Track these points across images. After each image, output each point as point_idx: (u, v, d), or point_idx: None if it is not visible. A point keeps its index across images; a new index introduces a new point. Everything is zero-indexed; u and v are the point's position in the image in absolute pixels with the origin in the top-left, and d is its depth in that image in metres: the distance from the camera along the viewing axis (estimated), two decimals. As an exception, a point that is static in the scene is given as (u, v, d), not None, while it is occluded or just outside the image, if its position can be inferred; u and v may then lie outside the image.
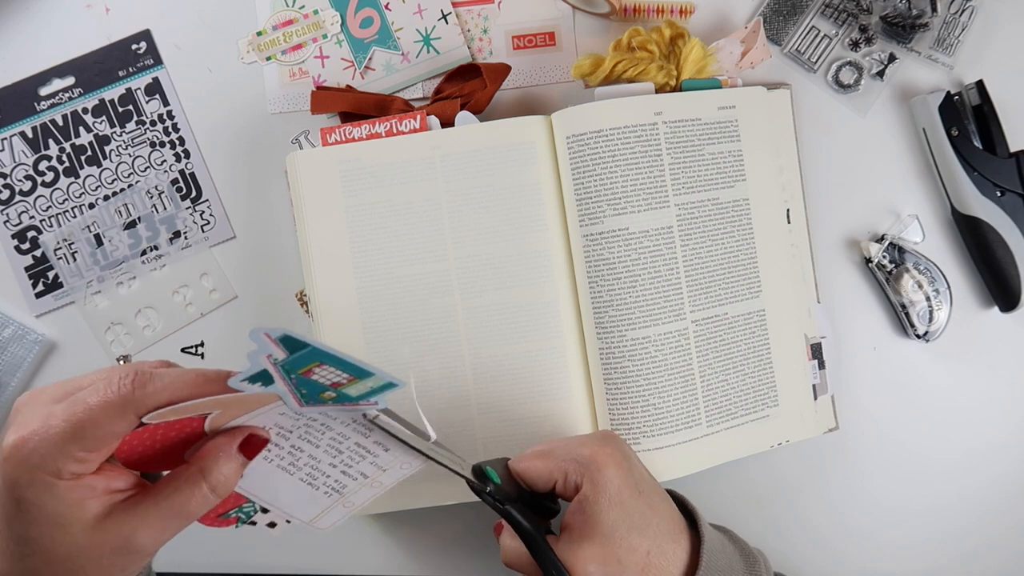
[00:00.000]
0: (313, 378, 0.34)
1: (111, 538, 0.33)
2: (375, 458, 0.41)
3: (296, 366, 0.33)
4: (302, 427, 0.38)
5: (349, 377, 0.34)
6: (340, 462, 0.40)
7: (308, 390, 0.35)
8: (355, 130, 0.57)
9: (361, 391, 0.35)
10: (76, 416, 0.31)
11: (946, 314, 0.61)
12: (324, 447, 0.39)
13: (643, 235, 0.55)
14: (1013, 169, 0.60)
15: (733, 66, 0.59)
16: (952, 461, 0.63)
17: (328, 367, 0.33)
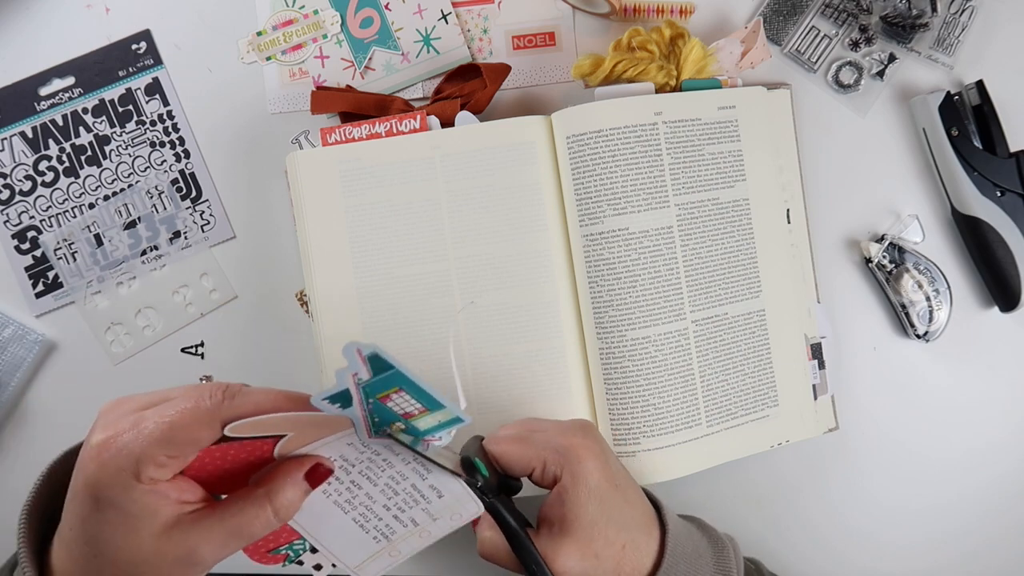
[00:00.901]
0: (388, 404, 0.34)
1: (175, 547, 0.33)
2: (428, 504, 0.40)
3: (376, 390, 0.33)
4: (365, 461, 0.38)
5: (421, 408, 0.35)
6: (394, 504, 0.40)
7: (380, 418, 0.35)
8: (355, 130, 0.57)
9: (429, 425, 0.36)
10: (168, 419, 0.32)
11: (946, 314, 0.61)
12: (382, 486, 0.39)
13: (643, 235, 0.55)
14: (1013, 169, 0.60)
15: (733, 66, 0.59)
16: (952, 461, 0.63)
17: (405, 394, 0.34)
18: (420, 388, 0.34)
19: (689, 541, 0.46)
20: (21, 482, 0.64)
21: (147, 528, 0.33)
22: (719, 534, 0.49)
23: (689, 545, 0.46)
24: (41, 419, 0.64)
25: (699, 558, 0.46)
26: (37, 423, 0.64)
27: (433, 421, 0.36)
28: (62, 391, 0.64)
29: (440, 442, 0.38)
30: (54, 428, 0.64)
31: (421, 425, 0.36)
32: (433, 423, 0.36)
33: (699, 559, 0.46)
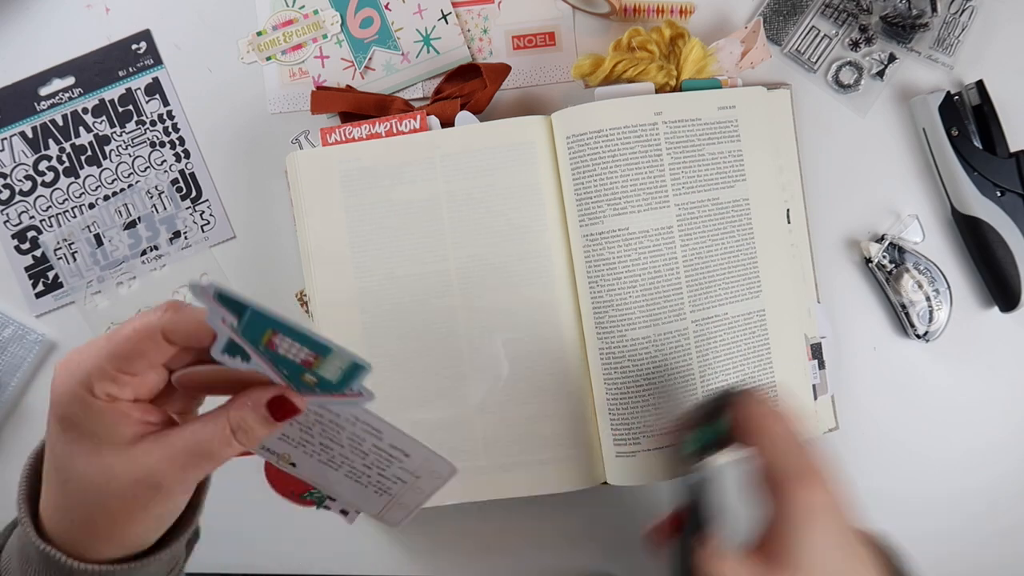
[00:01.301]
0: (280, 352, 0.33)
1: (137, 467, 0.33)
2: (401, 463, 0.39)
3: (254, 335, 0.32)
4: (316, 424, 0.38)
5: (313, 354, 0.33)
6: (372, 463, 0.39)
7: (288, 371, 0.34)
8: (355, 130, 0.57)
9: (335, 374, 0.34)
10: (116, 337, 0.33)
11: (946, 314, 0.61)
12: (348, 447, 0.39)
13: (643, 235, 0.55)
14: (1013, 169, 0.60)
15: (733, 66, 0.59)
16: (952, 461, 0.63)
17: (285, 338, 0.33)
18: (290, 327, 0.32)
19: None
20: (21, 482, 0.64)
21: (108, 446, 0.33)
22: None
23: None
24: (41, 419, 0.63)
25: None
26: (37, 423, 0.64)
27: (336, 368, 0.34)
28: (62, 391, 0.64)
29: (363, 399, 0.35)
30: (54, 428, 0.64)
31: (328, 375, 0.34)
32: (338, 372, 0.34)
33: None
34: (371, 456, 0.39)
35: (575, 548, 0.62)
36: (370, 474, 0.40)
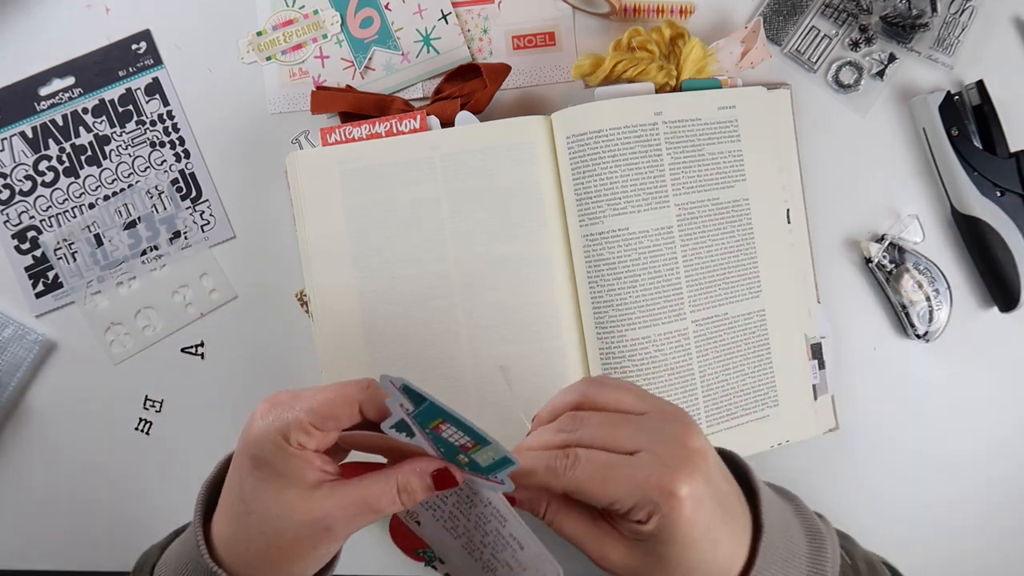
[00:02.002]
0: (443, 435, 0.37)
1: (314, 508, 0.37)
2: (514, 552, 0.41)
3: (425, 419, 0.37)
4: (453, 495, 0.41)
5: (472, 443, 0.37)
6: (488, 543, 0.41)
7: (445, 449, 0.38)
8: (355, 130, 0.57)
9: (486, 461, 0.37)
10: (320, 395, 0.38)
11: (946, 314, 0.61)
12: (473, 521, 0.41)
13: (643, 235, 0.55)
14: (1013, 169, 0.60)
15: (733, 66, 0.59)
16: (952, 461, 0.63)
17: (451, 427, 0.36)
18: (459, 420, 0.36)
19: (783, 540, 0.40)
20: (22, 482, 0.64)
21: (294, 487, 0.38)
22: (817, 524, 0.43)
23: (783, 547, 0.40)
24: (41, 419, 0.64)
25: (792, 560, 0.40)
26: (37, 423, 0.64)
27: (487, 458, 0.37)
28: (62, 391, 0.64)
29: (503, 487, 0.39)
30: (54, 428, 0.64)
31: (480, 460, 0.38)
32: (489, 460, 0.37)
33: (792, 562, 0.40)
34: (490, 536, 0.41)
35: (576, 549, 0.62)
36: (484, 552, 0.42)
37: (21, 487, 0.64)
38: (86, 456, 0.64)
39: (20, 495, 0.64)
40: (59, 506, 0.64)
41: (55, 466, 0.64)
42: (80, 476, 0.63)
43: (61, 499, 0.64)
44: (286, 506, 0.38)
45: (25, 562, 0.65)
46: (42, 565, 0.64)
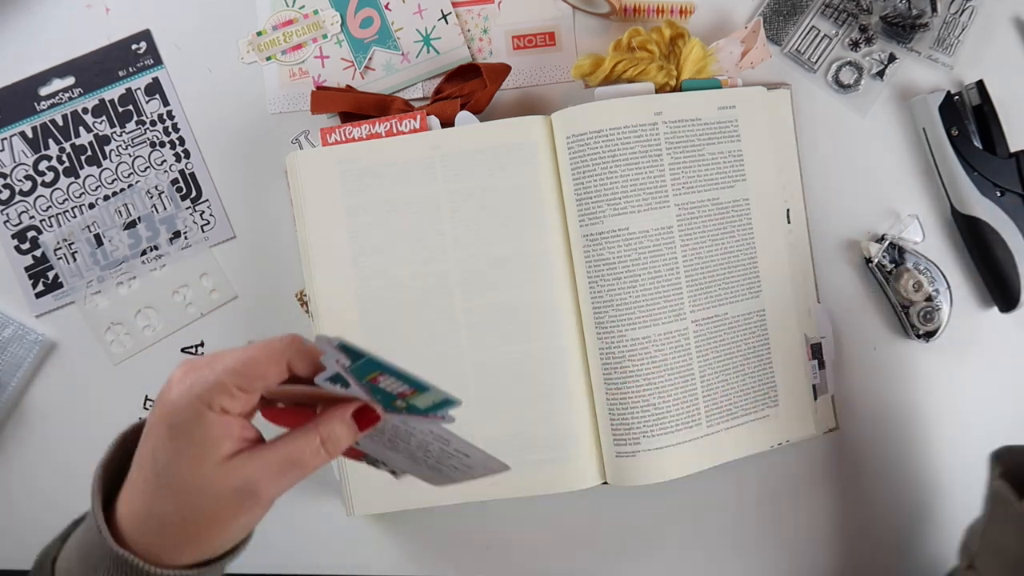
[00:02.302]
0: (381, 386, 0.37)
1: (234, 477, 0.36)
2: (460, 459, 0.42)
3: (362, 373, 0.36)
4: (390, 431, 0.40)
5: (411, 389, 0.36)
6: (432, 455, 0.42)
7: (382, 397, 0.38)
8: (355, 130, 0.57)
9: (426, 404, 0.37)
10: (243, 356, 0.36)
11: (946, 314, 0.61)
12: (415, 446, 0.41)
13: (643, 235, 0.55)
14: (1013, 169, 0.60)
15: (733, 66, 0.59)
16: (952, 461, 0.63)
17: (389, 377, 0.36)
18: (399, 372, 0.35)
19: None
20: (21, 482, 0.64)
21: (211, 457, 0.36)
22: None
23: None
24: (41, 419, 0.64)
25: None
26: (37, 423, 0.64)
27: (428, 401, 0.37)
28: (62, 391, 0.64)
29: (447, 422, 0.39)
30: (54, 428, 0.64)
31: (419, 404, 0.37)
32: (429, 402, 0.37)
33: None
34: (434, 453, 0.42)
35: (575, 548, 0.62)
36: (429, 460, 0.42)
37: (21, 487, 0.64)
38: (86, 456, 0.63)
39: (20, 495, 0.64)
40: (59, 506, 0.64)
41: (55, 466, 0.64)
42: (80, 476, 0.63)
43: (61, 499, 0.64)
44: (205, 477, 0.36)
45: (25, 562, 0.64)
46: (42, 565, 0.64)
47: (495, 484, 0.57)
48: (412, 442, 0.41)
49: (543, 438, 0.56)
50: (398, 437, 0.41)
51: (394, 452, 0.42)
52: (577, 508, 0.62)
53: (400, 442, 0.41)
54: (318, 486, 0.63)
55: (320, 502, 0.63)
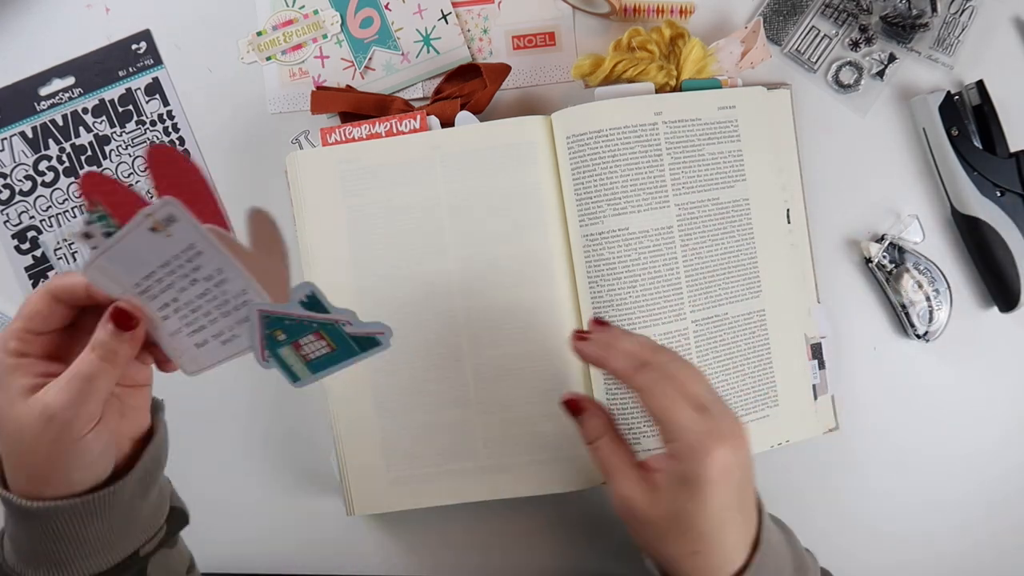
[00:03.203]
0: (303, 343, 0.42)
1: (37, 405, 0.38)
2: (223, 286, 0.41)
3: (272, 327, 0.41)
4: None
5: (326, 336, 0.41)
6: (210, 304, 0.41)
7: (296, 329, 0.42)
8: (355, 130, 0.57)
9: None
10: (23, 308, 0.41)
11: (946, 314, 0.61)
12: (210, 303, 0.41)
13: (643, 235, 0.55)
14: (1013, 169, 0.60)
15: (733, 66, 0.59)
16: (952, 461, 0.63)
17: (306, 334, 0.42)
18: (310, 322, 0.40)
19: (773, 562, 0.44)
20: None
21: (14, 393, 0.39)
22: (806, 560, 0.47)
23: (772, 568, 0.44)
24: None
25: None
26: (37, 423, 0.64)
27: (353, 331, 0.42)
28: (62, 391, 0.64)
29: (385, 335, 0.43)
30: (54, 428, 0.64)
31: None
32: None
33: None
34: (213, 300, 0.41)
35: (575, 548, 0.62)
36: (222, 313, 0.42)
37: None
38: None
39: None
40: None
41: (55, 466, 0.64)
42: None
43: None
44: (17, 415, 0.39)
45: (25, 562, 0.64)
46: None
47: (495, 484, 0.57)
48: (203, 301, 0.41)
49: (543, 438, 0.56)
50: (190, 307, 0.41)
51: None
52: (577, 508, 0.62)
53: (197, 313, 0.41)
54: (318, 486, 0.63)
55: (320, 502, 0.63)
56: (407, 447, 0.57)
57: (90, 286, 0.40)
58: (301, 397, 0.64)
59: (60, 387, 0.39)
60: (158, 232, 0.38)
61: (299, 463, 0.63)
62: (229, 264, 0.39)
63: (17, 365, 0.40)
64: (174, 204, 0.37)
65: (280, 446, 0.63)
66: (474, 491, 0.57)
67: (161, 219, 0.37)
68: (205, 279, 0.40)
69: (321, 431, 0.62)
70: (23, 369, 0.40)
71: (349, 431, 0.57)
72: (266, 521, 0.63)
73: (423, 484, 0.57)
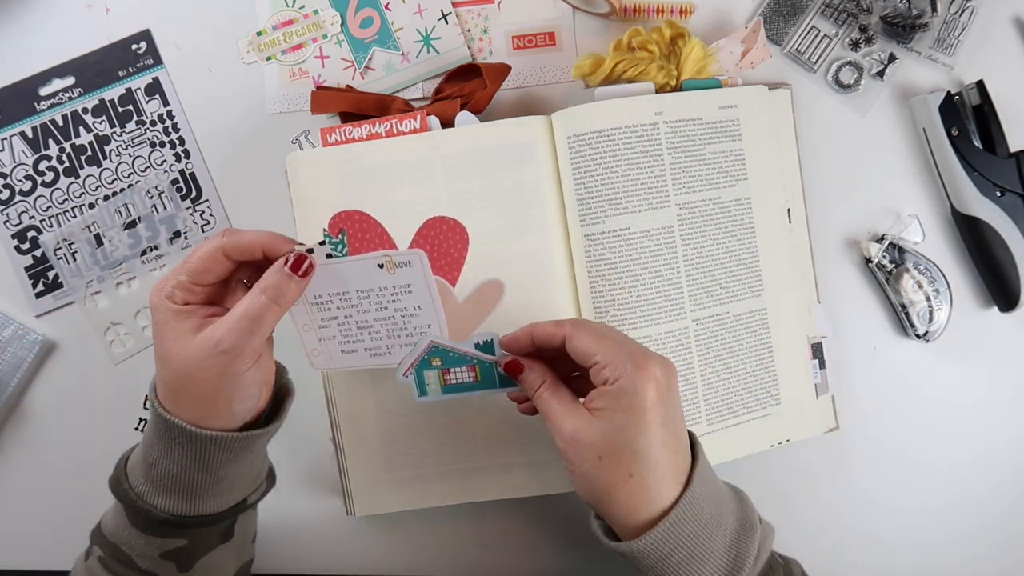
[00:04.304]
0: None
1: (208, 340, 0.44)
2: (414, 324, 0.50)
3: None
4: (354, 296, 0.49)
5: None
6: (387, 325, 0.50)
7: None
8: (355, 130, 0.57)
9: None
10: (190, 259, 0.46)
11: (946, 314, 0.61)
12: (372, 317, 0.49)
13: (644, 235, 0.55)
14: (1013, 169, 0.60)
15: (733, 66, 0.59)
16: (952, 461, 0.63)
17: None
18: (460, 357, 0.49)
19: (711, 507, 0.45)
20: (21, 482, 0.64)
21: (183, 333, 0.45)
22: (754, 519, 0.48)
23: (709, 511, 0.45)
24: (41, 419, 0.64)
25: (714, 528, 0.45)
26: (37, 423, 0.64)
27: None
28: (62, 391, 0.64)
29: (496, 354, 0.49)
30: (54, 428, 0.64)
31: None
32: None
33: (714, 529, 0.45)
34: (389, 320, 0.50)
35: (575, 548, 0.62)
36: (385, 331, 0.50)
37: (21, 487, 0.64)
38: (86, 456, 0.64)
39: (20, 495, 0.64)
40: (59, 506, 0.64)
41: (55, 466, 0.64)
42: (80, 476, 0.63)
43: (61, 499, 0.64)
44: (184, 349, 0.44)
45: (25, 562, 0.65)
46: (42, 565, 0.64)
47: (495, 484, 0.57)
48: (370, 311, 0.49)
49: (543, 438, 0.56)
50: (356, 304, 0.48)
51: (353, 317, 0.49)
52: (577, 508, 0.62)
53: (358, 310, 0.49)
54: (318, 486, 0.63)
55: (320, 502, 0.63)
56: (407, 447, 0.57)
57: (268, 245, 0.46)
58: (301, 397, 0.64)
59: (229, 325, 0.44)
60: (383, 268, 0.47)
61: (299, 463, 0.63)
62: (432, 308, 0.48)
63: (181, 310, 0.45)
64: (421, 256, 0.47)
65: (280, 446, 0.63)
66: (474, 492, 0.57)
67: (398, 263, 0.47)
68: (397, 310, 0.49)
69: (321, 431, 0.62)
70: (187, 313, 0.45)
71: (349, 431, 0.57)
72: (266, 521, 0.63)
73: (423, 484, 0.57)
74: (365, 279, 0.47)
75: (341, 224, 0.52)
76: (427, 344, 0.49)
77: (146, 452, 0.47)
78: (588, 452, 0.44)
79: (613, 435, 0.44)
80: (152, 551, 0.47)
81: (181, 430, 0.45)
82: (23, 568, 0.64)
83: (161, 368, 0.46)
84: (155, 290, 0.46)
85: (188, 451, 0.45)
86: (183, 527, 0.47)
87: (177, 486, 0.46)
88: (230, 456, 0.46)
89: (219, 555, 0.50)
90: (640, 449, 0.44)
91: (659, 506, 0.44)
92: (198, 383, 0.44)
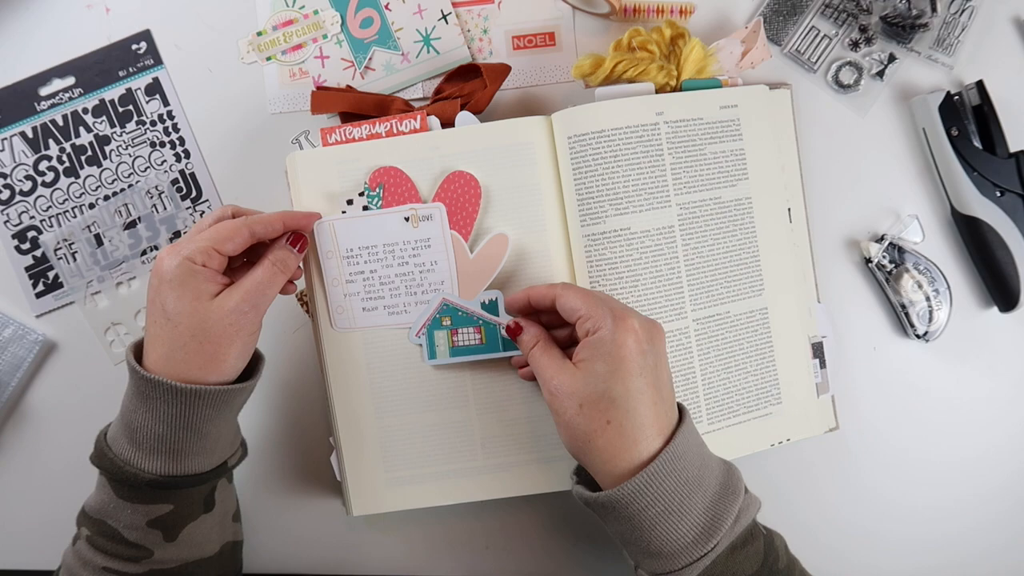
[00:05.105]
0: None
1: (224, 304, 0.49)
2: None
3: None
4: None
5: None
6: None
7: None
8: (355, 130, 0.57)
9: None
10: (215, 228, 0.50)
11: (946, 314, 0.61)
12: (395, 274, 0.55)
13: (644, 235, 0.55)
14: (1013, 169, 0.60)
15: (733, 66, 0.59)
16: (952, 460, 0.63)
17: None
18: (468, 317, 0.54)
19: (696, 467, 0.46)
20: (21, 482, 0.64)
21: (204, 296, 0.49)
22: (739, 486, 0.47)
23: (693, 470, 0.45)
24: (41, 419, 0.64)
25: (696, 486, 0.45)
26: (37, 423, 0.64)
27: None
28: (62, 391, 0.64)
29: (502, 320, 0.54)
30: (54, 428, 0.64)
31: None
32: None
33: (695, 487, 0.45)
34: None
35: (575, 548, 0.62)
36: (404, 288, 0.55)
37: (21, 487, 0.64)
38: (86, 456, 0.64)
39: (20, 495, 0.64)
40: (59, 506, 0.64)
41: (55, 466, 0.64)
42: (80, 476, 0.63)
43: (61, 499, 0.64)
44: (205, 310, 0.49)
45: (25, 562, 0.65)
46: (42, 565, 0.64)
47: (495, 484, 0.57)
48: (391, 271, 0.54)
49: (543, 438, 0.56)
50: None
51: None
52: (577, 508, 0.62)
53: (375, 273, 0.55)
54: (318, 486, 0.63)
55: (320, 502, 0.63)
56: (407, 447, 0.57)
57: (286, 222, 0.53)
58: (301, 397, 0.64)
59: (245, 290, 0.50)
60: (408, 222, 0.54)
61: (299, 463, 0.63)
62: (447, 262, 0.54)
63: (205, 274, 0.49)
64: (440, 209, 0.54)
65: (280, 446, 0.63)
66: (473, 491, 0.57)
67: (422, 216, 0.53)
68: (416, 265, 0.54)
69: (321, 431, 0.62)
70: (210, 278, 0.49)
71: (349, 431, 0.57)
72: (266, 521, 0.63)
73: (423, 484, 0.57)
74: (392, 233, 0.54)
75: (380, 179, 0.55)
76: (439, 301, 0.54)
77: (128, 419, 0.49)
78: (569, 401, 0.46)
79: (592, 383, 0.46)
80: (139, 520, 0.50)
81: (167, 387, 0.48)
82: (23, 568, 0.64)
83: (164, 324, 0.49)
84: (170, 252, 0.49)
85: (174, 408, 0.48)
86: (171, 488, 0.50)
87: (163, 446, 0.49)
88: (212, 412, 0.49)
89: (203, 525, 0.52)
90: (617, 396, 0.45)
91: (638, 457, 0.45)
92: (213, 338, 0.49)
